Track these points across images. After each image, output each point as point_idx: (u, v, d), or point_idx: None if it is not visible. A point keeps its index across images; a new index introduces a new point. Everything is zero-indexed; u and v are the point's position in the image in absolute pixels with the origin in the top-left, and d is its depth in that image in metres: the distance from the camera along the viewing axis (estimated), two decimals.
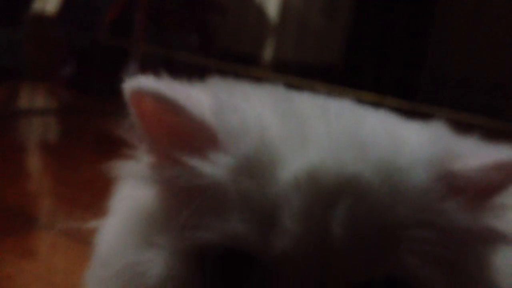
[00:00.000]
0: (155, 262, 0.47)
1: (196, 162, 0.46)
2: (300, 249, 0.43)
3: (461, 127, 0.51)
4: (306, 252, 0.43)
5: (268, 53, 2.80)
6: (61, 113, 2.44)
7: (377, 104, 0.51)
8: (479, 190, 0.46)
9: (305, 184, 0.44)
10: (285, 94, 0.52)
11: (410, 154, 0.46)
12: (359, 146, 0.46)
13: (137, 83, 0.47)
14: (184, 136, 0.47)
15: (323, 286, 0.44)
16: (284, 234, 0.43)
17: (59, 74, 2.71)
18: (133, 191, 0.52)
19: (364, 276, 0.44)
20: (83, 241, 1.08)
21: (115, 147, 0.48)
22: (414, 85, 2.24)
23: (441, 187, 0.46)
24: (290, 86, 0.52)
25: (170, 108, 0.47)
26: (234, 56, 2.53)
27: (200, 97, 0.48)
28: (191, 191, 0.46)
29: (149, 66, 2.53)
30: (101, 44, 2.62)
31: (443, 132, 0.50)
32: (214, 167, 0.45)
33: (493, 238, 0.48)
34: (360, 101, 0.53)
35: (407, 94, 2.07)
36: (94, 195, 1.33)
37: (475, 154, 0.47)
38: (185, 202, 0.46)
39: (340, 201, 0.44)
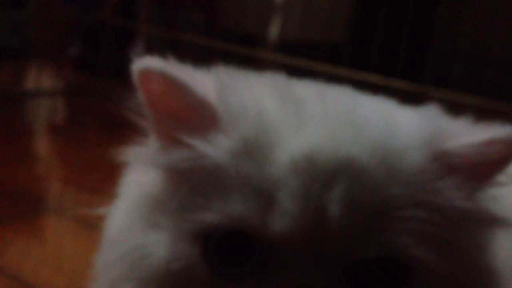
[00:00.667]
0: (160, 243, 0.48)
1: (198, 143, 0.47)
2: (298, 228, 0.44)
3: (469, 109, 0.51)
4: (304, 232, 0.44)
5: (273, 33, 2.79)
6: (68, 94, 2.44)
7: (383, 86, 0.51)
8: (474, 168, 0.47)
9: (302, 166, 0.45)
10: (285, 81, 0.53)
11: (404, 136, 0.47)
12: (355, 128, 0.47)
13: (145, 63, 0.48)
14: (188, 117, 0.48)
15: (321, 264, 0.44)
16: (282, 214, 0.44)
17: (66, 54, 2.72)
18: (139, 175, 0.52)
19: (360, 255, 0.44)
20: (91, 226, 1.09)
21: (122, 129, 0.48)
22: (421, 66, 2.24)
23: (435, 167, 0.46)
24: (296, 67, 0.52)
25: (176, 87, 0.48)
26: (239, 36, 2.52)
27: (204, 79, 0.49)
28: (194, 173, 0.47)
29: (155, 47, 2.52)
30: (107, 24, 2.61)
31: (437, 113, 0.50)
32: (215, 148, 0.46)
33: (489, 220, 0.48)
34: (367, 82, 0.53)
35: (413, 75, 2.06)
36: (102, 178, 1.34)
37: (468, 132, 0.47)
38: (188, 184, 0.47)
39: (336, 182, 0.44)
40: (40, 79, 2.60)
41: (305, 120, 0.47)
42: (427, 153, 0.46)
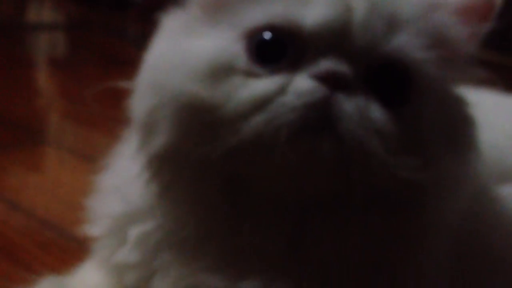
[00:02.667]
0: (204, 46, 0.55)
1: None
2: (329, 22, 0.52)
3: None
4: (333, 26, 0.52)
5: None
6: (68, 27, 2.43)
7: None
8: (463, 12, 0.57)
9: None
10: None
11: None
12: None
13: None
14: None
15: (348, 58, 0.52)
16: (316, 8, 0.52)
17: None
18: (176, 17, 0.59)
19: (378, 48, 0.52)
20: (87, 158, 1.11)
21: (121, 64, 0.50)
22: None
23: (434, 4, 0.57)
24: None
25: None
26: None
27: None
28: None
29: None
30: None
31: None
32: None
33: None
34: None
35: None
36: (101, 113, 1.35)
37: None
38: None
39: None
40: (41, 12, 2.58)
41: None
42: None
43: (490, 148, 0.65)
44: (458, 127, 0.57)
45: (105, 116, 1.39)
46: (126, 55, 2.05)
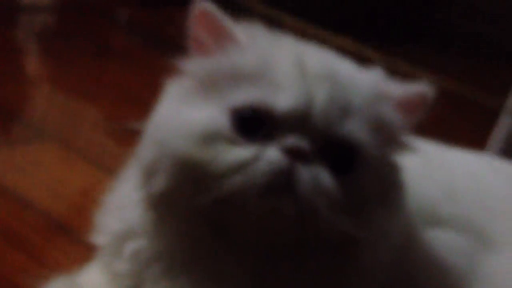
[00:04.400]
0: (199, 116, 0.70)
1: (227, 55, 0.72)
2: (295, 107, 0.67)
3: None
4: (299, 110, 0.67)
5: None
6: (62, 10, 2.35)
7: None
8: (401, 105, 0.73)
9: (301, 69, 0.70)
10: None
11: (364, 77, 0.74)
12: (337, 60, 0.75)
13: (201, 5, 0.73)
14: (219, 39, 0.73)
15: (308, 136, 0.67)
16: (286, 96, 0.68)
17: None
18: (177, 85, 0.75)
19: (333, 130, 0.68)
20: (75, 149, 1.21)
21: (114, 55, 0.63)
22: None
23: (379, 97, 0.72)
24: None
25: (218, 22, 0.73)
26: None
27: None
28: (227, 73, 0.71)
29: None
30: None
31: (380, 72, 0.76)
32: (239, 58, 0.71)
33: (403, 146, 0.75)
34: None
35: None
36: (89, 103, 1.42)
37: (399, 87, 0.75)
38: (221, 79, 0.71)
39: (322, 82, 0.69)
40: None
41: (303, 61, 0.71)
42: (375, 89, 0.72)
43: (422, 197, 0.82)
44: (390, 191, 0.73)
45: (91, 106, 1.51)
46: (118, 42, 2.14)
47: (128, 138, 0.76)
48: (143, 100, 0.76)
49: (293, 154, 0.66)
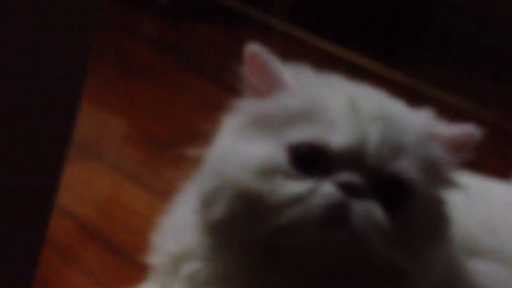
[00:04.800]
0: (257, 153, 0.75)
1: (282, 97, 0.77)
2: (349, 144, 0.72)
3: None
4: (353, 148, 0.72)
5: None
6: None
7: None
8: (449, 144, 0.78)
9: (355, 108, 0.75)
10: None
11: (414, 117, 0.79)
12: (388, 101, 0.80)
13: (253, 48, 0.78)
14: (271, 82, 0.78)
15: (362, 173, 0.72)
16: (341, 135, 0.72)
17: None
18: (234, 121, 0.80)
19: (385, 167, 0.72)
20: (133, 175, 1.26)
21: (138, 69, 0.66)
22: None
23: (428, 136, 0.77)
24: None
25: (269, 66, 0.78)
26: None
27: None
28: (281, 114, 0.76)
29: None
30: None
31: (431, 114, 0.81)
32: (293, 100, 0.76)
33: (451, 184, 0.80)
34: None
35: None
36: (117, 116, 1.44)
37: (447, 127, 0.79)
38: (278, 120, 0.76)
39: (376, 122, 0.74)
40: None
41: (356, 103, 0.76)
42: (425, 128, 0.77)
43: (463, 230, 0.86)
44: (439, 225, 0.77)
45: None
46: (143, 58, 2.11)
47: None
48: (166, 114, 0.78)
49: (347, 189, 0.71)
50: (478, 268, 0.87)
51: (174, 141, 1.40)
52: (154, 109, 1.73)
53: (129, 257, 1.04)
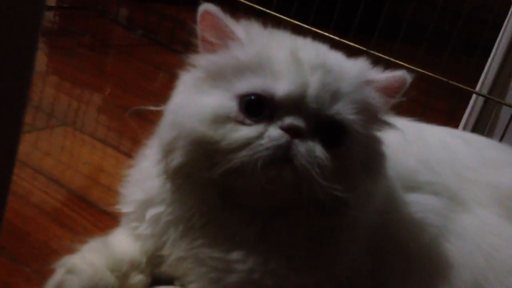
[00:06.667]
0: (210, 102, 0.82)
1: (230, 51, 0.84)
2: (292, 92, 0.80)
3: None
4: (295, 95, 0.80)
5: None
6: (64, 8, 2.42)
7: None
8: (383, 90, 0.87)
9: (296, 60, 0.82)
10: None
11: (351, 65, 0.87)
12: (327, 50, 0.89)
13: (205, 6, 0.86)
14: (223, 37, 0.86)
15: (304, 117, 0.80)
16: (284, 84, 0.80)
17: None
18: (189, 76, 0.88)
19: (324, 111, 0.81)
20: (100, 140, 1.32)
21: (112, 48, 0.71)
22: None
23: (364, 82, 0.85)
24: None
25: (220, 22, 0.86)
26: None
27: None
28: (232, 66, 0.83)
29: None
30: None
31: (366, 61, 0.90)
32: (241, 54, 0.83)
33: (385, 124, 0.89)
34: None
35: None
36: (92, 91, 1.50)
37: (381, 73, 0.88)
38: (229, 72, 0.83)
39: (316, 71, 0.81)
40: None
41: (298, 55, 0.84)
42: (361, 76, 0.86)
43: (402, 167, 0.95)
44: (374, 160, 0.86)
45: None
46: (116, 37, 2.24)
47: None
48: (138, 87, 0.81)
49: (291, 131, 0.79)
50: (417, 200, 0.97)
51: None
52: (126, 82, 1.80)
53: (102, 210, 1.12)
